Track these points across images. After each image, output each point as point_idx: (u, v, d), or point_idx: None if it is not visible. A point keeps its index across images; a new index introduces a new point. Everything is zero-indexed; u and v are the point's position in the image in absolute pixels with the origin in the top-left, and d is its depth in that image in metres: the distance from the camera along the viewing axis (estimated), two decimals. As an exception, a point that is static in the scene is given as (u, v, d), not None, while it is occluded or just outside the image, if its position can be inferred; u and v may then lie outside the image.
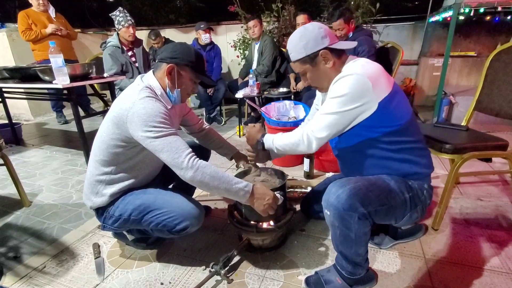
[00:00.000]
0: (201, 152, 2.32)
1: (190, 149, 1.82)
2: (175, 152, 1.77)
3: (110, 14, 3.58)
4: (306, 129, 1.75)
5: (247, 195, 1.83)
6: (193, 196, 2.45)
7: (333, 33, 1.83)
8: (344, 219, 1.60)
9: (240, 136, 3.90)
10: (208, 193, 2.63)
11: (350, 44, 1.83)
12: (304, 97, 3.59)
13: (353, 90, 1.72)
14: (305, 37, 1.83)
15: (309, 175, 2.91)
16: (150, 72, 1.99)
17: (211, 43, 4.41)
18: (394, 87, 1.75)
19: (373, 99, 1.71)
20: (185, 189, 2.29)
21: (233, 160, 2.31)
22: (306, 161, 2.91)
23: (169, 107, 1.90)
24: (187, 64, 1.95)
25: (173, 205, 1.82)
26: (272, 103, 3.33)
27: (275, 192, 1.98)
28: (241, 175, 2.22)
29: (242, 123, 4.02)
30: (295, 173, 3.01)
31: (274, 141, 1.81)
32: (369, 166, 1.77)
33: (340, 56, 1.83)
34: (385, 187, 1.64)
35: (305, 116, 2.96)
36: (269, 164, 3.20)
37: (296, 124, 3.00)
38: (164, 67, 1.95)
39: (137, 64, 3.68)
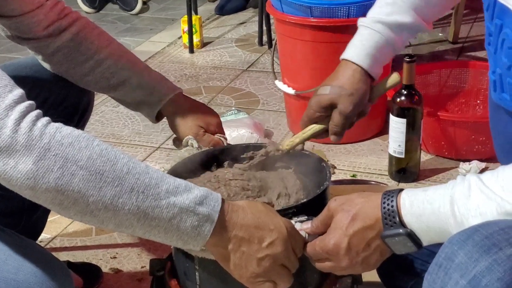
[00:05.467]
0: (60, 101, 1.29)
1: (21, 91, 0.90)
2: None
3: None
4: None
5: (205, 229, 0.90)
6: (43, 241, 1.57)
7: None
8: None
9: (192, 50, 2.73)
10: (92, 226, 1.63)
11: None
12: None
13: None
14: None
15: (402, 168, 1.78)
16: None
17: None
18: None
19: None
20: (15, 215, 1.29)
21: (163, 122, 1.34)
22: (397, 123, 1.70)
23: None
24: None
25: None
26: None
27: (294, 220, 1.00)
28: (193, 168, 1.10)
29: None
30: (361, 162, 1.92)
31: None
32: None
33: None
34: None
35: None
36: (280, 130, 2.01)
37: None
38: None
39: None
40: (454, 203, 0.82)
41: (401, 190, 0.88)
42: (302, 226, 0.96)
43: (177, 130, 1.29)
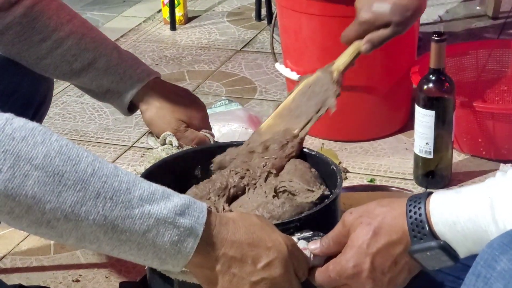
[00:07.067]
0: (12, 90, 1.40)
1: None
2: None
3: None
4: None
5: (187, 245, 0.95)
6: None
7: None
8: None
9: (174, 27, 2.85)
10: (51, 241, 1.73)
11: None
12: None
13: None
14: None
15: (430, 171, 1.85)
16: None
17: None
18: None
19: None
20: None
21: (137, 115, 1.50)
22: (423, 116, 1.78)
23: None
24: None
25: None
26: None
27: (297, 236, 1.08)
28: (172, 172, 1.21)
29: None
30: (381, 163, 1.96)
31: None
32: None
33: None
34: None
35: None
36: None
37: None
38: None
39: None
40: (495, 206, 0.86)
41: (430, 193, 0.92)
42: (309, 246, 0.99)
43: (153, 124, 1.34)
